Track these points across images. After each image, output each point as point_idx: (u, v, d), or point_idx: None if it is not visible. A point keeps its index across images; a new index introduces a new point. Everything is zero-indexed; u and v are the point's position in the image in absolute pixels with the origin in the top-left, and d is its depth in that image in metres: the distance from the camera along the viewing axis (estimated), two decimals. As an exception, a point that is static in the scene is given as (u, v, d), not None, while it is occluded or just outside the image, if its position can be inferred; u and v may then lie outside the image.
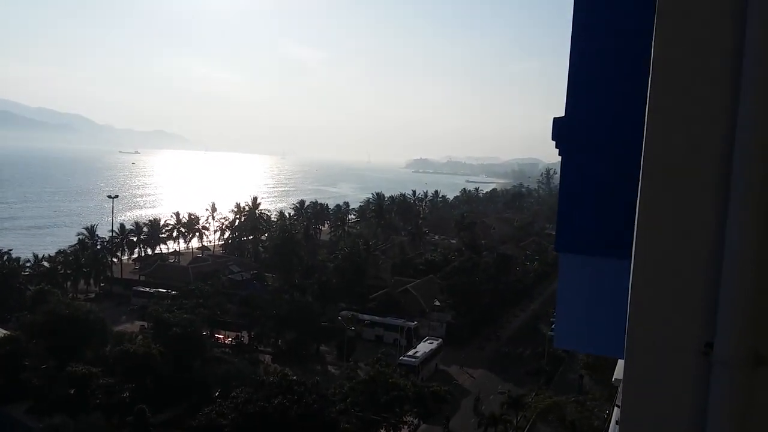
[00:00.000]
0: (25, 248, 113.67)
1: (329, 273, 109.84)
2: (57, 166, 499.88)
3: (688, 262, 2.90)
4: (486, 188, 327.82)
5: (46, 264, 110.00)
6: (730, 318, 2.78)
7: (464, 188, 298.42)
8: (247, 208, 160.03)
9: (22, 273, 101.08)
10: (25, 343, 68.77)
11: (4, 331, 75.47)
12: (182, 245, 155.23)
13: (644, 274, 2.98)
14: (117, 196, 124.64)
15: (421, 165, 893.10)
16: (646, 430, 3.08)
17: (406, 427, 57.71)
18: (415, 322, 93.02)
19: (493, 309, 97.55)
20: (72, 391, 61.55)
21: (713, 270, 2.82)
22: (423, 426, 61.84)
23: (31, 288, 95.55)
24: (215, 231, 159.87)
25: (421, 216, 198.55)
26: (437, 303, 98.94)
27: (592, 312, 4.01)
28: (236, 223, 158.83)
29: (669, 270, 2.93)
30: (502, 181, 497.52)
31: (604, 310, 3.80)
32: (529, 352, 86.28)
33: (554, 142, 4.21)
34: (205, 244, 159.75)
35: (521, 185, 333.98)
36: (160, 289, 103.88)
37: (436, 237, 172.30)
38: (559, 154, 4.19)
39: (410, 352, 76.91)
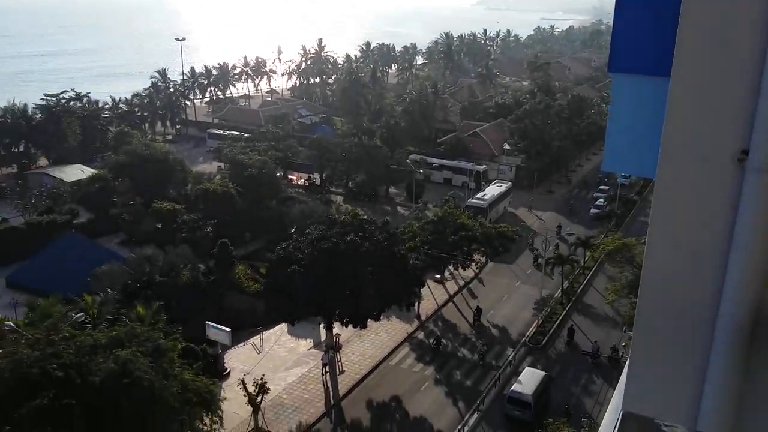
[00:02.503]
0: (101, 93, 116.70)
1: (397, 116, 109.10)
2: (124, 11, 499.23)
3: (728, 71, 2.95)
4: (562, 26, 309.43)
5: (123, 107, 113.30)
6: (766, 126, 2.84)
7: (538, 26, 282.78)
8: (312, 51, 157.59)
9: (102, 115, 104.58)
10: (112, 182, 72.87)
11: (91, 170, 79.94)
12: (251, 89, 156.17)
13: (683, 82, 3.03)
14: (184, 39, 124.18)
15: (492, 2, 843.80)
16: (675, 237, 3.17)
17: (473, 264, 59.54)
18: (484, 166, 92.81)
19: (564, 153, 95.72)
20: (159, 226, 65.75)
21: (752, 79, 2.89)
22: (490, 264, 63.67)
23: (111, 130, 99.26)
24: (282, 74, 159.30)
25: (492, 57, 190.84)
26: (507, 147, 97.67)
27: (641, 133, 4.06)
28: (303, 66, 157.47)
29: (708, 77, 3.00)
30: (580, 17, 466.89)
31: (653, 132, 3.72)
32: (609, 188, 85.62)
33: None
34: (273, 87, 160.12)
35: (600, 22, 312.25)
36: (233, 132, 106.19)
37: (507, 79, 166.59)
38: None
39: (478, 195, 77.45)
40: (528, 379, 40.22)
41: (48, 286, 49.13)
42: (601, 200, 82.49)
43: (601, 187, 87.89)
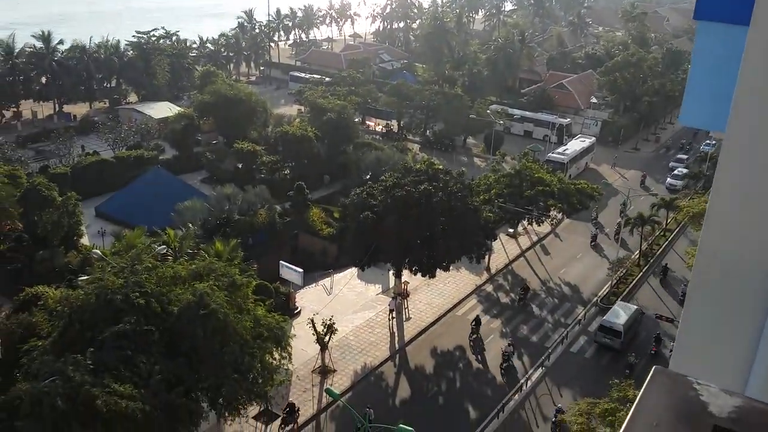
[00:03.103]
0: (189, 32, 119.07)
1: (480, 65, 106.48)
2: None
3: None
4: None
5: (210, 46, 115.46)
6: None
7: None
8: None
9: (189, 54, 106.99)
10: (197, 120, 75.01)
11: (178, 108, 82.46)
12: (335, 32, 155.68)
13: (761, 35, 2.88)
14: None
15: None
16: (742, 190, 3.04)
17: (549, 220, 58.48)
18: (568, 119, 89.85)
19: (654, 109, 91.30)
20: (239, 166, 67.54)
21: None
22: (566, 221, 62.34)
23: (198, 69, 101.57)
24: (366, 18, 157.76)
25: (585, 4, 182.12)
26: (594, 100, 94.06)
27: (722, 86, 3.82)
28: (387, 10, 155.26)
29: None
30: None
31: (733, 84, 3.42)
32: (689, 158, 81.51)
33: None
34: (356, 31, 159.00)
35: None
36: (315, 75, 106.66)
37: (600, 28, 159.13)
38: None
39: (559, 149, 75.29)
40: (620, 311, 43.21)
41: (133, 218, 51.68)
42: (680, 170, 75.66)
43: (680, 156, 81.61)
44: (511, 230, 59.70)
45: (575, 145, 76.33)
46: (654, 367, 3.38)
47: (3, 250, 46.33)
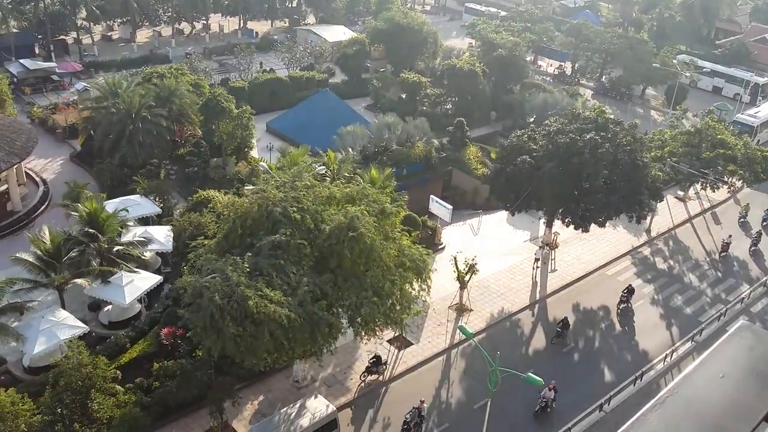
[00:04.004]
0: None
1: (673, 9, 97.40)
2: None
3: None
4: None
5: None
6: None
7: None
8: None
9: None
10: (368, 47, 75.95)
11: (352, 33, 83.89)
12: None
13: None
14: None
15: None
16: None
17: (726, 187, 53.64)
18: (766, 78, 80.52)
19: None
20: (403, 96, 67.98)
21: None
22: (745, 190, 56.83)
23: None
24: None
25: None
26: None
27: None
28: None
29: None
30: None
31: None
32: None
33: None
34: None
35: None
36: (491, 8, 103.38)
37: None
38: None
39: (750, 111, 67.95)
40: None
41: (299, 136, 54.17)
42: None
43: None
44: (680, 193, 55.58)
45: (770, 108, 68.58)
46: (741, 321, 2.91)
47: (183, 153, 50.64)
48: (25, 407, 22.59)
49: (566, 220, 42.27)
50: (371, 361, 32.55)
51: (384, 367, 33.12)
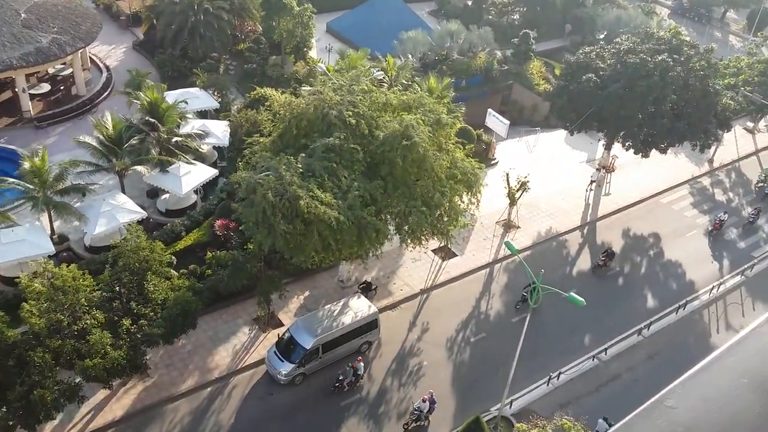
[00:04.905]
0: None
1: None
2: None
3: None
4: None
5: None
6: None
7: None
8: None
9: None
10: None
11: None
12: None
13: None
14: None
15: None
16: None
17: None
18: None
19: None
20: (469, 3, 65.35)
21: None
22: (822, 127, 53.93)
23: None
24: None
25: None
26: None
27: None
28: None
29: None
30: None
31: None
32: None
33: None
34: None
35: None
36: None
37: None
38: None
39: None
40: None
41: (359, 39, 53.16)
42: None
43: None
44: (750, 124, 53.14)
45: None
46: None
47: (243, 49, 50.46)
48: (85, 283, 23.96)
49: (627, 144, 41.11)
50: (361, 286, 32.09)
51: (375, 291, 32.11)
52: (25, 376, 21.71)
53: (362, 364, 27.46)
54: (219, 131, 38.00)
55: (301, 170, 25.97)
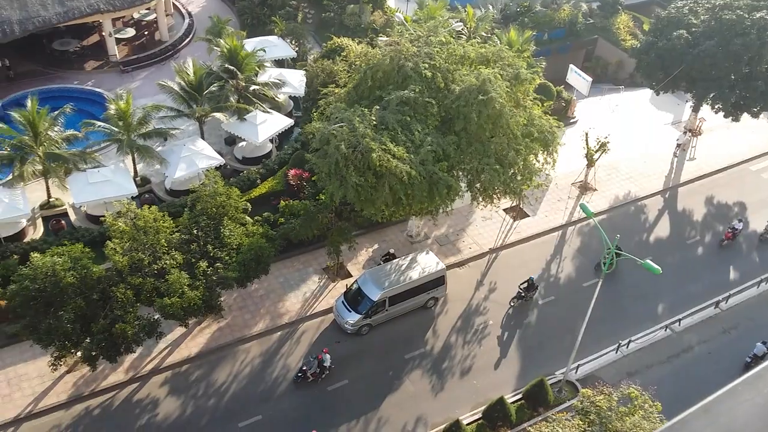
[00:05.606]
0: None
1: None
2: None
3: None
4: None
5: None
6: None
7: None
8: None
9: None
10: None
11: None
12: None
13: None
14: None
15: None
16: None
17: None
18: None
19: None
20: None
21: None
22: None
23: None
24: None
25: None
26: None
27: None
28: None
29: None
30: None
31: None
32: None
33: None
34: None
35: None
36: None
37: None
38: None
39: None
40: None
41: (439, -11, 51.73)
42: None
43: None
44: None
45: None
46: None
47: (321, -3, 50.13)
48: (165, 224, 24.91)
49: (716, 107, 38.93)
50: (384, 257, 31.03)
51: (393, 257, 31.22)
52: (108, 310, 23.01)
53: (328, 356, 26.02)
54: (295, 81, 38.18)
55: (374, 122, 25.87)
